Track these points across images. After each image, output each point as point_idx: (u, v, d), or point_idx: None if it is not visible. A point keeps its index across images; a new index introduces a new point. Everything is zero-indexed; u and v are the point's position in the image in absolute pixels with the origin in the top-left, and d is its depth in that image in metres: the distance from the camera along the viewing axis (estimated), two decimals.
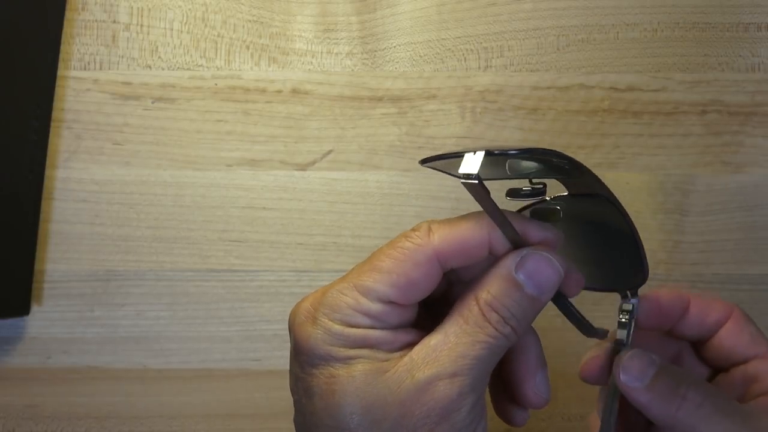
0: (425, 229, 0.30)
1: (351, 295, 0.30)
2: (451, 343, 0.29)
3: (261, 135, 0.52)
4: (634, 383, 0.33)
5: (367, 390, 0.29)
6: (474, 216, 0.31)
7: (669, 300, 0.36)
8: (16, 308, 0.51)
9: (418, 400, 0.29)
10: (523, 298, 0.30)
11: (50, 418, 0.52)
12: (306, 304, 0.31)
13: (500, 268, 0.31)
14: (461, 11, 0.53)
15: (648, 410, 0.33)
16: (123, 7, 0.53)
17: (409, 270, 0.30)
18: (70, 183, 0.52)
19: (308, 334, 0.30)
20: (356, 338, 0.29)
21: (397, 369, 0.29)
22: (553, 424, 0.51)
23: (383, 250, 0.30)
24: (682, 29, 0.53)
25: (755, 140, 0.52)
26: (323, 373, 0.29)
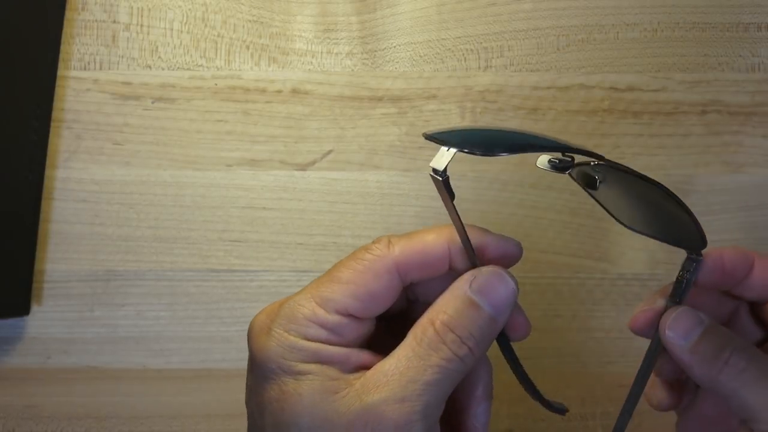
0: (385, 242, 0.30)
1: (308, 306, 0.29)
2: (402, 367, 0.29)
3: (261, 135, 0.52)
4: (679, 341, 0.33)
5: (315, 411, 0.28)
6: (435, 229, 0.31)
7: (733, 259, 0.34)
8: (16, 308, 0.51)
9: (365, 425, 0.28)
10: (478, 317, 0.30)
11: (50, 418, 0.52)
12: (263, 315, 0.30)
13: (455, 289, 0.30)
14: (461, 11, 0.53)
15: (690, 370, 0.33)
16: (123, 7, 0.53)
17: (369, 281, 0.29)
18: (70, 183, 0.52)
19: (262, 346, 0.29)
20: (309, 352, 0.29)
21: (347, 391, 0.28)
22: (553, 424, 0.52)
23: (343, 261, 0.30)
24: (682, 29, 0.53)
25: (755, 140, 0.52)
26: (274, 388, 0.29)
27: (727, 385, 0.31)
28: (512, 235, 0.52)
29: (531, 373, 0.53)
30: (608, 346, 0.52)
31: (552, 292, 0.52)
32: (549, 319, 0.52)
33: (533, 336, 0.52)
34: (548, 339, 0.52)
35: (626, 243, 0.52)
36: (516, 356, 0.34)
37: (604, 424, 0.51)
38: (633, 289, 0.52)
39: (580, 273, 0.52)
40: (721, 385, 0.32)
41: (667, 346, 0.33)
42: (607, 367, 0.52)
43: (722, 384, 0.32)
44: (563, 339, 0.52)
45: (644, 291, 0.52)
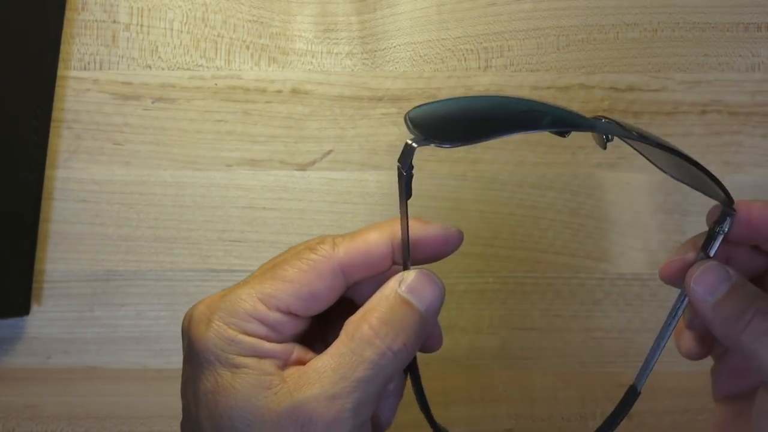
0: (330, 242, 0.31)
1: (250, 301, 0.29)
2: (335, 363, 0.29)
3: (261, 135, 0.52)
4: (704, 297, 0.32)
5: (247, 406, 0.28)
6: (377, 227, 0.31)
7: (761, 214, 0.34)
8: (16, 308, 0.51)
9: (295, 421, 0.28)
10: (410, 315, 0.30)
11: (50, 418, 0.52)
12: (203, 306, 0.30)
13: (387, 288, 0.31)
14: (461, 11, 0.53)
15: (712, 327, 0.33)
16: (123, 7, 0.53)
17: (313, 281, 0.30)
18: (70, 183, 0.52)
19: (201, 336, 0.29)
20: (247, 346, 0.29)
21: (280, 387, 0.29)
22: (553, 424, 0.52)
23: (287, 259, 0.30)
24: (682, 29, 0.53)
25: (755, 140, 0.52)
26: (209, 379, 0.29)
27: (747, 347, 0.31)
28: (512, 235, 0.52)
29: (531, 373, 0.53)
30: (608, 346, 0.52)
31: (552, 292, 0.52)
32: (549, 319, 0.52)
33: (533, 336, 0.52)
34: (548, 339, 0.52)
35: (626, 243, 0.52)
36: (419, 374, 0.34)
37: None
38: (633, 289, 0.52)
39: (580, 273, 0.52)
40: (742, 346, 0.32)
41: (691, 299, 0.33)
42: (607, 367, 0.52)
43: (742, 344, 0.32)
44: (563, 339, 0.52)
45: (644, 291, 0.52)
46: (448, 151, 0.52)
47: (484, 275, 0.52)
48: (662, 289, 0.52)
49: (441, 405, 0.52)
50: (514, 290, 0.52)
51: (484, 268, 0.52)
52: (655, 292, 0.52)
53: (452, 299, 0.52)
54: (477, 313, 0.52)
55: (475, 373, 0.52)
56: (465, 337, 0.52)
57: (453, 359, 0.52)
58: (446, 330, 0.52)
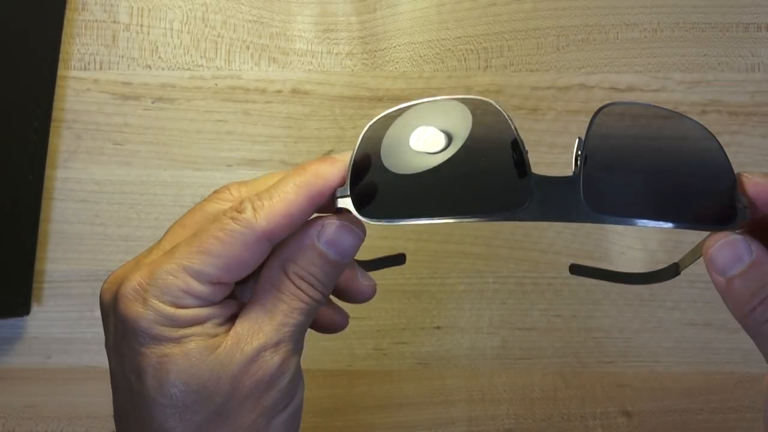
0: (249, 208, 0.31)
1: (181, 278, 0.30)
2: (270, 313, 0.31)
3: (261, 135, 0.52)
4: (716, 273, 0.32)
5: (201, 367, 0.30)
6: (293, 183, 0.31)
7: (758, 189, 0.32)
8: (16, 308, 0.51)
9: (248, 371, 0.30)
10: (327, 264, 0.32)
11: (50, 418, 0.52)
12: (131, 284, 0.30)
13: (304, 238, 0.32)
14: (461, 11, 0.53)
15: (723, 299, 0.32)
16: (123, 7, 0.53)
17: (239, 252, 0.30)
18: (70, 183, 0.52)
19: (138, 314, 0.30)
20: (187, 318, 0.30)
21: (226, 344, 0.30)
22: (553, 424, 0.52)
23: (210, 231, 0.31)
24: (682, 29, 0.53)
25: (755, 140, 0.52)
26: (155, 352, 0.30)
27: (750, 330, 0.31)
28: (512, 236, 0.52)
29: (531, 373, 0.53)
30: (608, 346, 0.52)
31: (552, 292, 0.52)
32: (549, 319, 0.52)
33: (533, 336, 0.52)
34: (548, 339, 0.52)
35: (626, 243, 0.52)
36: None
37: (604, 424, 0.52)
38: (633, 289, 0.52)
39: None
40: (746, 327, 0.32)
41: (707, 269, 0.32)
42: (607, 367, 0.52)
43: (746, 326, 0.32)
44: (563, 339, 0.52)
45: (644, 291, 0.52)
46: None
47: (484, 275, 0.52)
48: (662, 289, 0.52)
49: (441, 405, 0.52)
50: (514, 290, 0.52)
51: (484, 268, 0.52)
52: (655, 292, 0.52)
53: (452, 299, 0.52)
54: (477, 313, 0.52)
55: (475, 373, 0.52)
56: (465, 337, 0.52)
57: (453, 359, 0.52)
58: (446, 330, 0.52)
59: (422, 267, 0.52)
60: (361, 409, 0.52)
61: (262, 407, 0.31)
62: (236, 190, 0.33)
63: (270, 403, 0.31)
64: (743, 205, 0.32)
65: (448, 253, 0.52)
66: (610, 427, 0.51)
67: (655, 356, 0.52)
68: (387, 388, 0.52)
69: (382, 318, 0.52)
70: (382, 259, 0.39)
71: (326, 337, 0.52)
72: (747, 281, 0.31)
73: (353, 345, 0.52)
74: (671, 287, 0.51)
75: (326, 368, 0.52)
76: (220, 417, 0.30)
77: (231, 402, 0.30)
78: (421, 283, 0.52)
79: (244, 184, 0.33)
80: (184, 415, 0.30)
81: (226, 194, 0.33)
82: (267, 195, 0.31)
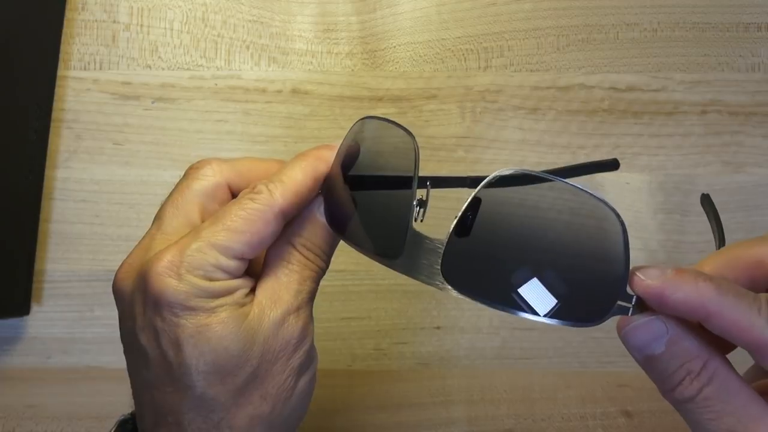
0: (265, 190, 0.33)
1: (211, 254, 0.32)
2: (285, 283, 0.34)
3: (261, 135, 0.52)
4: (633, 351, 0.31)
5: (237, 332, 0.32)
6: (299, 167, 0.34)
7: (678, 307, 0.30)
8: (16, 308, 0.51)
9: (277, 335, 0.33)
10: (327, 234, 0.35)
11: (50, 418, 0.52)
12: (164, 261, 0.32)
13: (307, 213, 0.35)
14: (461, 11, 0.53)
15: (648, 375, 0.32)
16: (123, 7, 0.53)
17: (261, 229, 0.33)
18: (70, 183, 0.52)
19: (174, 288, 0.32)
20: (220, 290, 0.32)
21: (254, 312, 0.33)
22: (553, 424, 0.52)
23: (233, 210, 0.33)
24: (682, 29, 0.53)
25: (755, 140, 0.52)
26: (192, 322, 0.32)
27: (675, 406, 0.31)
28: None
29: (531, 373, 0.53)
30: (608, 346, 0.52)
31: None
32: None
33: (533, 336, 0.52)
34: (548, 339, 0.52)
35: None
36: None
37: (604, 424, 0.51)
38: None
39: None
40: (671, 403, 0.31)
41: (626, 347, 0.31)
42: (607, 367, 0.52)
43: (671, 403, 0.31)
44: (563, 339, 0.52)
45: None
46: (448, 150, 0.52)
47: None
48: None
49: (441, 405, 0.52)
50: None
51: None
52: None
53: (452, 299, 0.52)
54: (477, 313, 0.52)
55: (475, 373, 0.52)
56: (465, 337, 0.52)
57: (453, 359, 0.52)
58: (446, 330, 0.52)
59: None
60: (361, 409, 0.52)
61: (291, 368, 0.33)
62: (218, 167, 0.35)
63: (297, 363, 0.33)
64: (628, 304, 0.30)
65: None
66: (610, 427, 0.51)
67: None
68: (387, 388, 0.52)
69: (382, 318, 0.52)
70: (594, 164, 0.37)
71: (326, 337, 0.52)
72: (665, 361, 0.30)
73: (353, 345, 0.52)
74: None
75: (326, 368, 0.52)
76: (257, 378, 0.33)
77: (264, 364, 0.33)
78: (421, 283, 0.52)
79: (225, 163, 0.36)
80: (225, 380, 0.32)
81: (207, 170, 0.35)
82: (278, 178, 0.34)
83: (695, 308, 0.29)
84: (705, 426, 0.30)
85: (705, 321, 0.29)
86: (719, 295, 0.29)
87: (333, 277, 0.52)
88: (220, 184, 0.35)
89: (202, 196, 0.35)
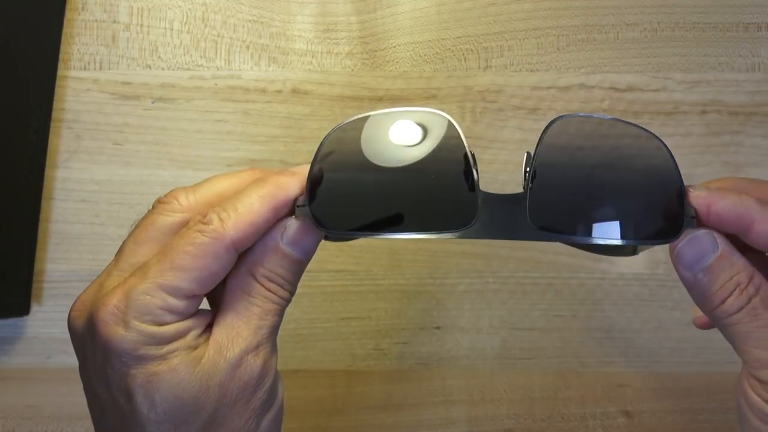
0: (216, 219, 0.32)
1: (158, 296, 0.30)
2: (244, 318, 0.32)
3: (261, 135, 0.52)
4: (684, 269, 0.32)
5: (190, 379, 0.30)
6: (258, 195, 0.32)
7: (723, 216, 0.32)
8: (16, 308, 0.51)
9: (234, 377, 0.31)
10: (292, 264, 0.33)
11: (50, 418, 0.52)
12: (110, 306, 0.31)
13: (268, 241, 0.33)
14: (461, 11, 0.53)
15: (692, 295, 0.33)
16: (123, 7, 0.53)
17: (210, 264, 0.31)
18: (70, 183, 0.52)
19: (121, 336, 0.30)
20: (170, 334, 0.31)
21: (209, 354, 0.31)
22: (553, 424, 0.52)
23: (179, 245, 0.31)
24: (682, 29, 0.53)
25: (755, 140, 0.52)
26: (142, 372, 0.30)
27: (720, 322, 0.32)
28: None
29: (531, 373, 0.53)
30: (608, 346, 0.52)
31: (552, 292, 0.52)
32: (549, 318, 0.52)
33: (533, 336, 0.52)
34: (548, 339, 0.52)
35: None
36: None
37: (604, 424, 0.52)
38: (633, 289, 0.52)
39: (580, 273, 0.52)
40: (716, 320, 0.32)
41: (674, 266, 0.33)
42: (607, 367, 0.52)
43: (716, 319, 0.32)
44: (563, 339, 0.52)
45: (644, 291, 0.52)
46: None
47: (484, 275, 0.52)
48: (662, 289, 0.52)
49: (441, 405, 0.52)
50: (514, 290, 0.52)
51: (484, 268, 0.52)
52: (655, 292, 0.52)
53: (452, 299, 0.52)
54: (477, 313, 0.52)
55: (475, 373, 0.52)
56: (465, 337, 0.52)
57: (453, 359, 0.52)
58: (446, 330, 0.52)
59: (422, 267, 0.52)
60: (361, 409, 0.52)
61: (251, 409, 0.32)
62: (184, 199, 0.33)
63: (258, 404, 0.32)
64: (691, 216, 0.32)
65: (447, 253, 0.52)
66: (610, 427, 0.51)
67: (655, 356, 0.52)
68: (387, 388, 0.52)
69: (382, 318, 0.52)
70: None
71: (326, 337, 0.52)
72: (715, 274, 0.32)
73: (353, 345, 0.52)
74: (671, 287, 0.51)
75: (326, 368, 0.52)
76: (214, 424, 0.31)
77: (222, 408, 0.31)
78: (420, 283, 0.52)
79: (191, 191, 0.34)
80: (180, 428, 0.31)
81: (174, 204, 0.33)
82: (231, 206, 0.32)
83: (740, 215, 0.32)
84: (754, 334, 0.31)
85: (748, 230, 0.32)
86: (760, 204, 0.31)
87: (333, 277, 0.52)
88: (187, 220, 0.33)
89: (166, 232, 0.33)
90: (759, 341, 0.31)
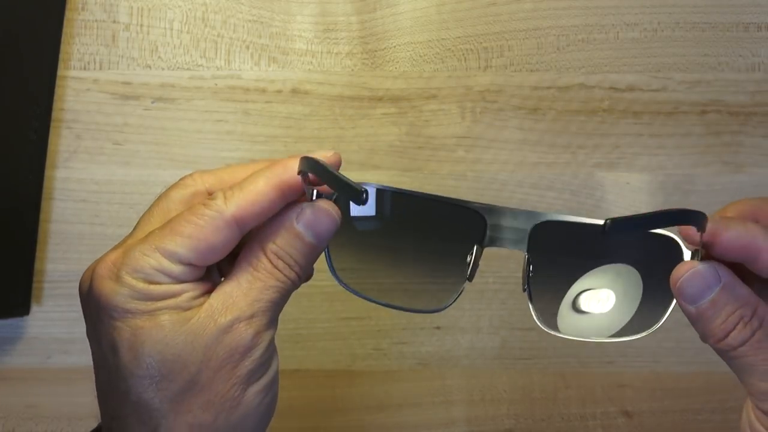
0: (221, 196, 0.32)
1: (154, 256, 0.31)
2: (244, 288, 0.32)
3: (261, 135, 0.52)
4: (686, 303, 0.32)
5: (175, 337, 0.31)
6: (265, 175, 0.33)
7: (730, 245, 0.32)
8: (16, 308, 0.51)
9: (221, 342, 0.31)
10: (304, 246, 0.33)
11: (50, 418, 0.52)
12: (107, 263, 0.31)
13: (283, 220, 0.33)
14: (461, 11, 0.53)
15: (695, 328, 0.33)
16: (123, 7, 0.53)
17: (209, 235, 0.31)
18: (70, 183, 0.52)
19: (111, 290, 0.31)
20: (160, 293, 0.31)
21: (199, 316, 0.31)
22: (552, 424, 0.52)
23: (183, 215, 0.32)
24: (682, 29, 0.53)
25: (755, 140, 0.52)
26: (129, 324, 0.31)
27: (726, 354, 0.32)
28: None
29: (531, 373, 0.53)
30: (608, 346, 0.52)
31: None
32: None
33: (533, 336, 0.52)
34: (548, 339, 0.52)
35: None
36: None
37: (604, 424, 0.52)
38: None
39: None
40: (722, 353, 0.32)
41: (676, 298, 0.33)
42: (607, 367, 0.52)
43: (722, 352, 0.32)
44: (563, 339, 0.52)
45: None
46: (448, 150, 0.52)
47: (484, 275, 0.52)
48: None
49: (441, 405, 0.52)
50: (514, 290, 0.52)
51: (484, 268, 0.52)
52: None
53: None
54: (477, 313, 0.52)
55: (475, 373, 0.52)
56: (465, 337, 0.52)
57: (453, 359, 0.52)
58: (446, 330, 0.52)
59: None
60: (361, 409, 0.52)
61: (236, 376, 0.31)
62: (200, 177, 0.34)
63: (244, 372, 0.32)
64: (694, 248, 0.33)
65: None
66: (610, 427, 0.52)
67: (655, 356, 0.52)
68: (387, 388, 0.52)
69: (382, 318, 0.52)
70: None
71: (326, 337, 0.52)
72: (718, 308, 0.32)
73: (353, 345, 0.52)
74: None
75: (326, 368, 0.52)
76: (197, 385, 0.31)
77: (206, 371, 0.31)
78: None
79: (208, 173, 0.35)
80: (160, 385, 0.31)
81: (188, 180, 0.34)
82: (238, 186, 0.33)
83: (746, 245, 0.31)
84: (759, 368, 0.31)
85: (755, 259, 0.31)
86: (766, 233, 0.31)
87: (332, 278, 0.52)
88: (200, 191, 0.34)
89: (179, 203, 0.34)
90: (764, 374, 0.31)
